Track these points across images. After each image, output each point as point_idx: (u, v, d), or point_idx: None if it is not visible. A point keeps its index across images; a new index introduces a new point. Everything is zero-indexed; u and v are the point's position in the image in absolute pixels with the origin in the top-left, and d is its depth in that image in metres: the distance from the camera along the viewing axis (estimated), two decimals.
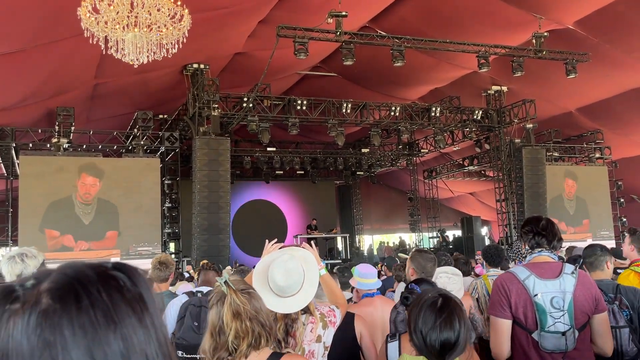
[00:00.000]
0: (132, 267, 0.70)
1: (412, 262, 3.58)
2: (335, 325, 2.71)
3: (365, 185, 25.35)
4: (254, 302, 1.94)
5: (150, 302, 0.68)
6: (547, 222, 2.75)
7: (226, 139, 13.87)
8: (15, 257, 2.86)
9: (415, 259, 3.58)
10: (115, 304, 0.64)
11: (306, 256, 2.68)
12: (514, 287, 2.61)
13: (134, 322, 0.64)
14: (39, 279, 0.64)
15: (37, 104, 13.15)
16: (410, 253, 3.82)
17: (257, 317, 1.92)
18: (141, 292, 0.67)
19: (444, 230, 22.06)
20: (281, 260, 2.53)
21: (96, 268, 0.66)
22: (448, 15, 12.95)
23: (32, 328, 0.59)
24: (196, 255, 12.84)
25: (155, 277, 4.30)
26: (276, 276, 2.46)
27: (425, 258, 3.56)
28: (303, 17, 11.48)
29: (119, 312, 0.63)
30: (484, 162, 20.16)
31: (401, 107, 16.26)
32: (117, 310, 0.63)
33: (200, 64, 13.64)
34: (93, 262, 0.68)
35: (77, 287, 0.63)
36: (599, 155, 18.77)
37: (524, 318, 2.58)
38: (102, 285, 0.64)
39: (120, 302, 0.64)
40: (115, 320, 0.63)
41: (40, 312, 0.60)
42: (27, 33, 9.56)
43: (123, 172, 13.36)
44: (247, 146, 20.27)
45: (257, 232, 18.10)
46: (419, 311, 2.05)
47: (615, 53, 13.41)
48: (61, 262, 0.68)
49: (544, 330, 2.52)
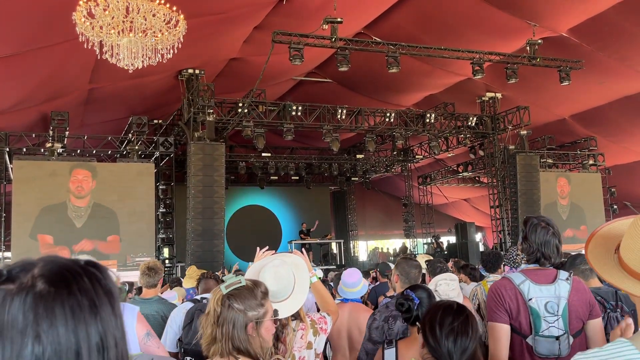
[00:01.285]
0: (102, 266, 0.83)
1: (397, 268, 3.58)
2: (326, 332, 2.71)
3: (360, 191, 25.36)
4: (227, 312, 1.89)
5: (117, 296, 0.81)
6: (551, 236, 2.73)
7: (221, 144, 13.85)
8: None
9: (400, 265, 3.58)
10: (97, 293, 0.77)
11: (297, 262, 2.68)
12: (508, 293, 2.61)
13: (109, 309, 0.77)
14: (25, 266, 0.76)
15: (31, 109, 13.11)
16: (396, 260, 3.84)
17: (223, 327, 1.87)
18: (111, 287, 0.80)
19: (439, 236, 22.07)
20: (272, 265, 2.53)
21: (77, 262, 0.79)
22: (443, 22, 13.01)
23: (29, 306, 0.71)
24: (190, 260, 12.79)
25: (144, 283, 4.28)
26: (267, 281, 2.46)
27: (410, 265, 3.55)
28: (298, 23, 11.51)
29: (100, 300, 0.77)
30: (478, 168, 20.22)
31: (396, 113, 16.30)
32: (99, 298, 0.77)
33: (195, 69, 13.63)
34: (70, 258, 0.80)
35: (68, 275, 0.76)
36: (593, 162, 18.87)
37: (518, 323, 2.58)
38: (86, 276, 0.77)
39: (100, 292, 0.77)
40: (97, 305, 0.76)
41: (37, 294, 0.72)
42: (21, 37, 9.54)
43: (117, 176, 13.31)
44: (241, 151, 20.27)
45: (252, 237, 18.07)
46: (435, 315, 2.12)
47: (608, 61, 13.50)
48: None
49: (538, 335, 2.52)
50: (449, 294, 3.80)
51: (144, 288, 4.35)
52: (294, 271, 2.59)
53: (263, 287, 2.01)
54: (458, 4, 12.17)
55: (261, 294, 1.97)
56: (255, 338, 1.90)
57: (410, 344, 2.53)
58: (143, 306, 3.74)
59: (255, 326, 1.90)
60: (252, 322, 1.90)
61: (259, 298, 1.95)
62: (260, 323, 1.92)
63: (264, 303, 1.96)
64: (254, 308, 1.92)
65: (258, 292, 1.96)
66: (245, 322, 1.89)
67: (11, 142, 13.28)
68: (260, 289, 1.98)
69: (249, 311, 1.90)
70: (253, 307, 1.92)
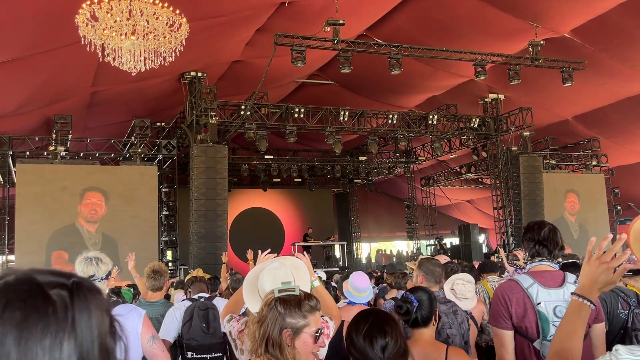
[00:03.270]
0: (87, 289, 0.72)
1: (421, 268, 3.58)
2: (329, 337, 2.69)
3: (362, 193, 25.35)
4: (269, 312, 1.93)
5: (81, 329, 0.68)
6: (550, 230, 2.71)
7: (223, 146, 13.86)
8: (92, 260, 2.95)
9: (423, 265, 3.59)
10: (25, 325, 0.65)
11: (297, 264, 2.66)
12: (515, 296, 2.58)
13: (44, 344, 0.65)
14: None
15: (34, 112, 13.14)
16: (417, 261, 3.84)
17: (262, 327, 1.92)
18: (74, 317, 0.68)
19: (442, 238, 22.05)
20: (270, 267, 2.52)
21: (32, 284, 0.69)
22: (445, 24, 13.01)
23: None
24: (193, 263, 12.79)
25: (150, 286, 4.35)
26: (265, 283, 2.45)
27: (434, 264, 3.60)
28: (300, 25, 11.52)
29: (28, 332, 0.65)
30: (481, 169, 20.19)
31: (398, 115, 16.29)
32: (26, 331, 0.65)
33: (197, 72, 13.65)
34: (43, 277, 0.70)
35: (2, 299, 0.66)
36: (596, 163, 18.82)
37: (524, 327, 2.55)
38: (24, 303, 0.66)
39: (36, 324, 0.66)
40: (22, 336, 0.65)
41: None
42: (24, 41, 9.56)
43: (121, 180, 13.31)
44: (244, 154, 20.27)
45: (255, 240, 17.89)
46: (350, 325, 2.15)
47: (610, 62, 13.48)
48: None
49: (545, 340, 2.49)
50: (465, 294, 3.85)
51: (150, 291, 4.40)
52: (294, 273, 2.57)
53: (314, 302, 2.00)
54: (460, 5, 12.17)
55: (309, 307, 1.96)
56: (290, 348, 1.89)
57: (412, 346, 2.52)
58: (148, 309, 3.78)
59: (292, 335, 1.89)
60: (289, 328, 1.89)
61: (304, 310, 1.94)
62: (298, 333, 1.90)
63: (308, 316, 1.94)
64: (295, 316, 1.92)
65: (305, 304, 1.96)
66: (283, 326, 1.89)
67: (14, 145, 13.30)
68: (309, 302, 1.98)
69: (288, 317, 1.91)
70: (294, 315, 1.92)
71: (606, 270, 1.62)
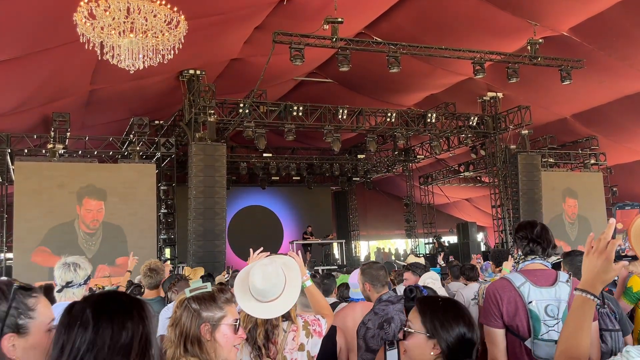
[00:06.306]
0: (25, 293, 0.73)
1: (364, 275, 3.47)
2: (321, 335, 2.69)
3: (361, 191, 25.35)
4: (183, 312, 1.88)
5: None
6: (542, 228, 2.72)
7: (222, 144, 13.86)
8: (70, 266, 2.98)
9: (366, 272, 3.48)
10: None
11: (288, 262, 2.65)
12: (506, 295, 2.58)
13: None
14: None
15: (32, 110, 13.12)
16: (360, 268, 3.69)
17: (177, 328, 1.87)
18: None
19: (440, 236, 22.07)
20: (260, 264, 2.53)
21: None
22: (443, 22, 13.00)
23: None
24: (192, 261, 12.79)
25: (145, 284, 4.34)
26: (255, 279, 2.45)
27: (376, 268, 3.48)
28: (299, 23, 11.51)
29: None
30: (479, 168, 20.20)
31: (397, 113, 16.29)
32: None
33: (196, 70, 13.63)
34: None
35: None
36: (594, 162, 18.85)
37: (515, 325, 2.55)
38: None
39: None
40: None
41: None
42: (22, 40, 9.55)
43: (120, 178, 13.30)
44: (243, 152, 20.26)
45: (253, 238, 17.93)
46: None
47: (609, 60, 13.49)
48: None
49: (537, 338, 2.49)
50: (437, 291, 4.25)
51: (146, 289, 4.39)
52: (285, 271, 2.57)
53: (229, 294, 1.96)
54: (459, 3, 12.17)
55: (224, 299, 1.92)
56: (210, 342, 1.85)
57: None
58: None
59: (210, 328, 1.85)
60: (207, 322, 1.85)
61: (220, 302, 1.90)
62: (217, 326, 1.86)
63: (225, 307, 1.90)
64: (211, 309, 1.88)
65: (221, 296, 1.92)
66: (200, 322, 1.85)
67: (13, 143, 13.30)
68: (224, 295, 1.94)
69: (204, 311, 1.87)
70: (210, 308, 1.88)
71: (605, 260, 1.62)
